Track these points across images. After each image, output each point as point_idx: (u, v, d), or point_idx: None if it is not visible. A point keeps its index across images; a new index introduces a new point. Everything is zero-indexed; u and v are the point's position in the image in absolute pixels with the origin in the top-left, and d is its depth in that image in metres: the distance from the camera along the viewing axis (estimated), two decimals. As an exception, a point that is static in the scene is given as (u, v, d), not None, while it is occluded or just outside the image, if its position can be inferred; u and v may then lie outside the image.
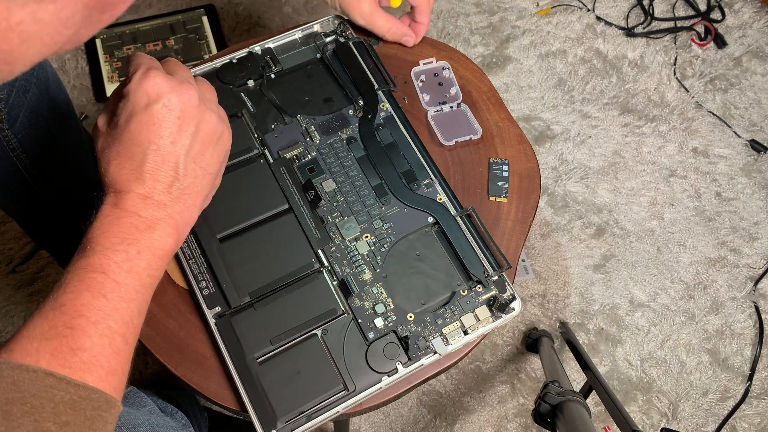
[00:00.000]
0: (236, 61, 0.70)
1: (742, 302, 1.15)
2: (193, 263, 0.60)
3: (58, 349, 0.40)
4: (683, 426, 1.06)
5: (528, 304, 1.13)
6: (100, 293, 0.43)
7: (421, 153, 0.67)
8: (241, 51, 0.71)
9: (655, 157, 1.26)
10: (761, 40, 1.39)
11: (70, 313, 0.41)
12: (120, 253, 0.44)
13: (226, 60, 0.70)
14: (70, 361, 0.40)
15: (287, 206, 0.63)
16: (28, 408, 0.37)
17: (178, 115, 0.46)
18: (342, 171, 0.65)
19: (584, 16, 1.41)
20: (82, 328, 0.41)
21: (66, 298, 0.42)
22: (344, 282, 0.60)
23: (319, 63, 0.72)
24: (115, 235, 0.45)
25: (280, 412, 0.54)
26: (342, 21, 0.74)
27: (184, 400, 0.82)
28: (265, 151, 0.66)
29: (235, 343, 0.56)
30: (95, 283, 0.43)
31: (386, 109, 0.69)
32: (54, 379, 0.39)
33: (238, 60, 0.70)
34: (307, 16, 1.37)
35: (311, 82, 0.71)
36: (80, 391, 0.39)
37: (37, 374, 0.38)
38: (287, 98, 0.69)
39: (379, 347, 0.57)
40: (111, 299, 0.43)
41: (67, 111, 0.76)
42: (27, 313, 1.09)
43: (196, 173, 0.49)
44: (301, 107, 0.69)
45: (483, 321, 0.59)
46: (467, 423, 1.05)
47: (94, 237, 0.45)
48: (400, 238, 0.62)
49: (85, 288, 0.43)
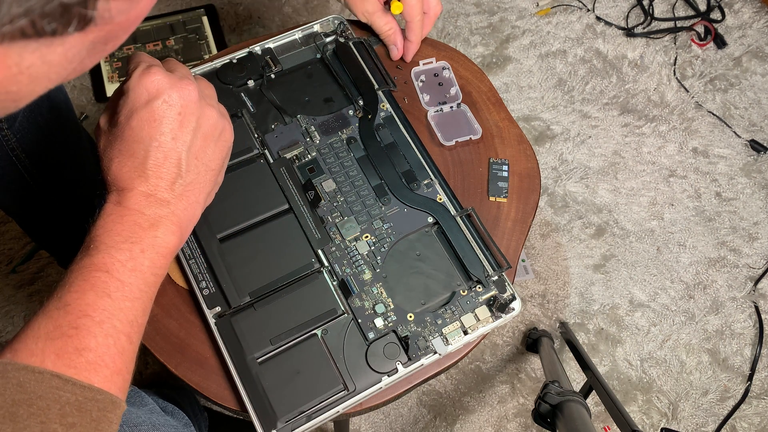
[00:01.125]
0: (236, 61, 0.70)
1: (742, 302, 1.15)
2: (193, 263, 0.60)
3: (63, 349, 0.40)
4: (683, 426, 1.06)
5: (528, 304, 1.13)
6: (105, 292, 0.43)
7: (421, 153, 0.67)
8: (241, 51, 0.71)
9: (655, 157, 1.26)
10: (761, 40, 1.39)
11: (75, 313, 0.41)
12: (124, 252, 0.44)
13: (226, 60, 0.70)
14: (75, 361, 0.40)
15: (287, 206, 0.63)
16: (34, 410, 0.37)
17: (178, 111, 0.46)
18: (342, 171, 0.65)
19: (584, 16, 1.41)
20: (87, 327, 0.41)
21: (70, 298, 0.42)
22: (344, 282, 0.60)
23: (319, 63, 0.72)
24: (118, 233, 0.45)
25: (280, 412, 0.54)
26: (342, 21, 0.74)
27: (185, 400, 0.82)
28: (265, 151, 0.66)
29: (235, 343, 0.56)
30: (99, 282, 0.43)
31: (386, 109, 0.69)
32: (60, 380, 0.38)
33: (238, 60, 0.70)
34: (307, 16, 1.37)
35: (311, 82, 0.71)
36: (86, 393, 0.39)
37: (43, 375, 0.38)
38: (287, 98, 0.69)
39: (379, 347, 0.57)
40: (115, 298, 0.43)
41: (66, 110, 0.76)
42: (27, 313, 1.09)
43: (198, 169, 0.48)
44: (301, 107, 0.69)
45: (483, 321, 0.59)
46: (467, 423, 1.05)
47: (97, 236, 0.45)
48: (400, 238, 0.62)
49: (89, 287, 0.42)
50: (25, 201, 0.77)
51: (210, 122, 0.49)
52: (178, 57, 1.26)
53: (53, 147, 0.74)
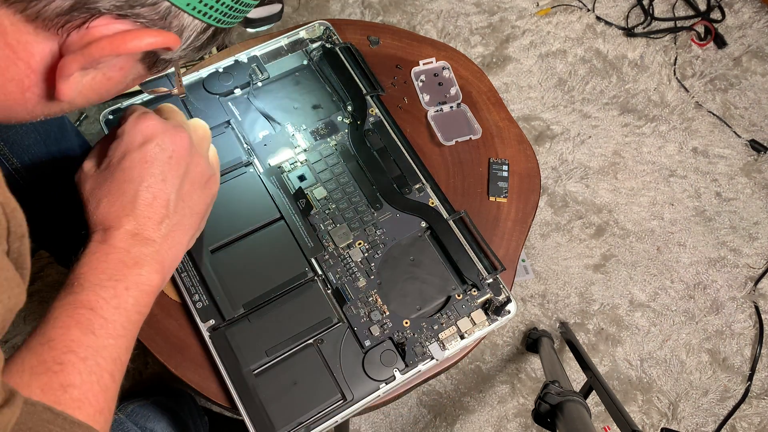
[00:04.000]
0: (222, 71, 0.69)
1: (742, 302, 1.15)
2: (185, 276, 0.59)
3: (48, 384, 0.40)
4: (683, 426, 1.06)
5: (528, 304, 1.13)
6: (89, 329, 0.43)
7: (412, 157, 0.66)
8: (227, 60, 0.70)
9: (655, 157, 1.26)
10: (761, 40, 1.39)
11: (60, 348, 0.41)
12: (108, 290, 0.45)
13: (212, 69, 0.69)
14: (61, 398, 0.40)
15: (279, 215, 0.62)
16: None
17: (170, 155, 0.48)
18: (333, 178, 0.65)
19: (584, 16, 1.41)
20: (72, 363, 0.41)
21: (55, 333, 0.42)
22: (338, 290, 0.60)
23: (306, 69, 0.71)
24: (103, 271, 0.45)
25: (278, 424, 0.54)
26: (328, 27, 0.73)
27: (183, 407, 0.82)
28: (254, 160, 0.65)
29: (231, 355, 0.56)
30: (84, 320, 0.43)
31: (375, 114, 0.68)
32: (51, 414, 0.38)
33: (224, 69, 0.69)
34: (308, 16, 1.37)
35: (299, 89, 0.70)
36: (75, 428, 0.39)
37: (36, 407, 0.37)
38: (275, 106, 0.69)
39: (376, 355, 0.57)
40: (99, 336, 0.43)
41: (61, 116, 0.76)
42: (27, 312, 1.08)
43: (184, 212, 0.50)
44: (290, 115, 0.68)
45: (479, 324, 0.59)
46: (467, 423, 1.05)
47: (82, 273, 0.45)
48: (393, 243, 0.62)
49: (74, 324, 0.42)
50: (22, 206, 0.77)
51: (198, 169, 0.51)
52: (178, 57, 1.26)
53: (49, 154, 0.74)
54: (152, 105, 0.63)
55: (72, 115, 1.22)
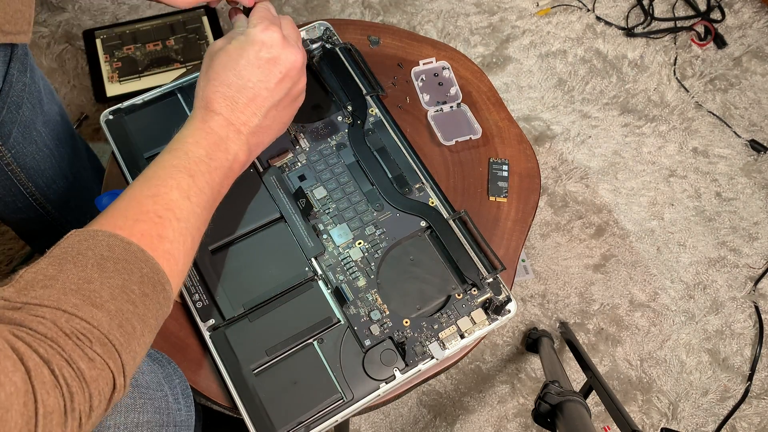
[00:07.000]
0: None
1: (742, 302, 1.15)
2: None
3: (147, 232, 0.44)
4: (683, 426, 1.06)
5: (528, 304, 1.13)
6: (186, 195, 0.48)
7: (412, 157, 0.66)
8: None
9: (655, 157, 1.26)
10: (761, 40, 1.39)
11: (162, 204, 0.46)
12: (204, 164, 0.50)
13: None
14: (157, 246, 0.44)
15: (279, 215, 0.63)
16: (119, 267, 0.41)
17: (281, 70, 0.54)
18: (333, 178, 0.65)
19: (584, 16, 1.41)
20: (169, 220, 0.46)
21: (159, 190, 0.47)
22: (339, 290, 0.60)
23: (306, 70, 0.71)
24: (203, 147, 0.51)
25: (278, 424, 0.54)
26: (328, 27, 0.73)
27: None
28: (254, 160, 0.65)
29: (231, 354, 0.56)
30: (184, 185, 0.48)
31: (375, 114, 0.68)
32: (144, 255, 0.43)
33: None
34: (308, 16, 1.37)
35: None
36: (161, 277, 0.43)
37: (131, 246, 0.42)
38: None
39: (376, 354, 0.57)
40: (193, 203, 0.48)
41: (61, 122, 0.77)
42: (27, 313, 1.08)
43: (274, 119, 0.56)
44: None
45: (479, 324, 0.59)
46: (467, 423, 1.05)
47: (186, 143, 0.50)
48: (393, 243, 0.62)
49: (175, 185, 0.47)
50: (22, 212, 0.77)
51: (298, 87, 0.57)
52: (178, 57, 1.26)
53: (49, 160, 0.75)
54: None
55: (72, 116, 1.22)
